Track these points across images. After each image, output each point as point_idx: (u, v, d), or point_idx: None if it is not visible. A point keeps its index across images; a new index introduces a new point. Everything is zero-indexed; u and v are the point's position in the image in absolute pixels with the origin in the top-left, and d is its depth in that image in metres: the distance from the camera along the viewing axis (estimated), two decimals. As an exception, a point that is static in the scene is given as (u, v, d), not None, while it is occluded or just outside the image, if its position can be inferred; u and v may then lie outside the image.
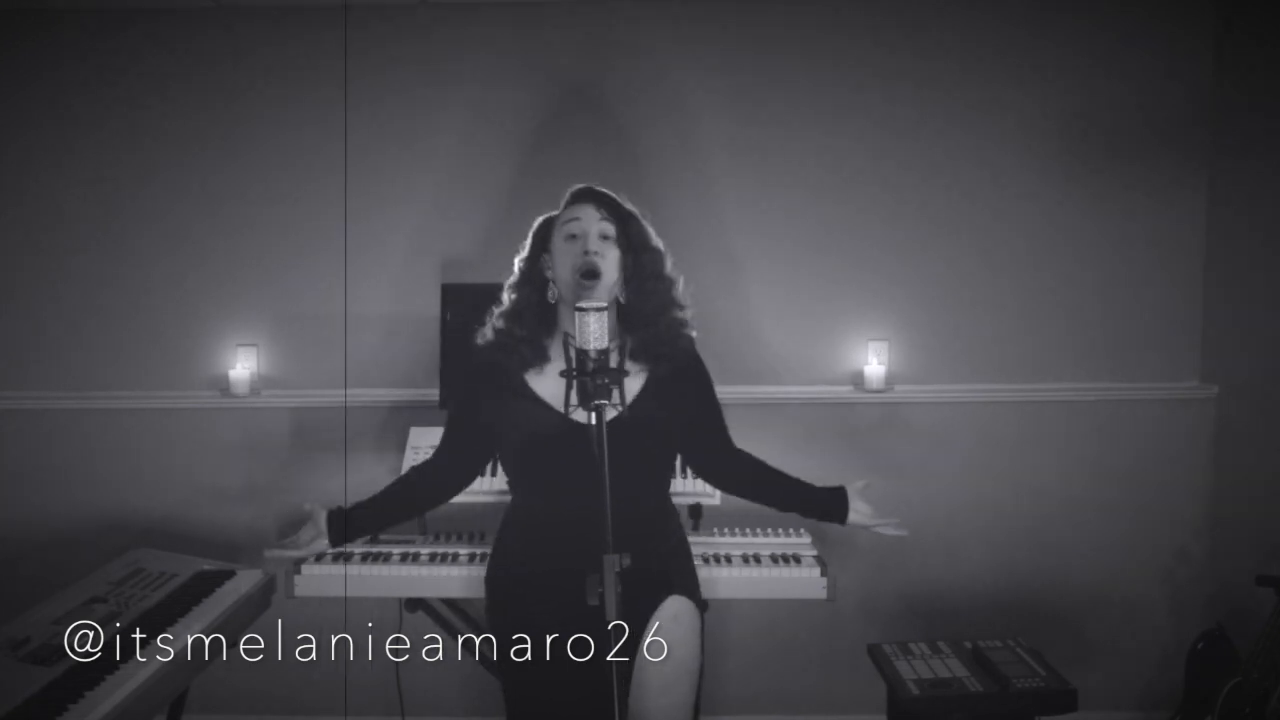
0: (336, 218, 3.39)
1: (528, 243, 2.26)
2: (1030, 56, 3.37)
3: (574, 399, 1.93)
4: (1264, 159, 3.16)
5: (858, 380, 3.41)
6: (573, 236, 2.14)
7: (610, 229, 2.16)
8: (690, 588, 2.26)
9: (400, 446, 3.25)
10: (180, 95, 3.39)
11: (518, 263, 2.26)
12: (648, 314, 2.19)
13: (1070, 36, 3.36)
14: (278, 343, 3.43)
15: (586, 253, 2.10)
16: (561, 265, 2.14)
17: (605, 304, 1.92)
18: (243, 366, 3.39)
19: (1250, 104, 3.23)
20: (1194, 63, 3.37)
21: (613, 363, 1.97)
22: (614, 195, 2.22)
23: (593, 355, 1.87)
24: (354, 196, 3.39)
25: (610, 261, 2.13)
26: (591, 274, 2.06)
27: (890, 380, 3.40)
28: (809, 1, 3.36)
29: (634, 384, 2.18)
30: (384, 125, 3.38)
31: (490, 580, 2.28)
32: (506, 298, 2.24)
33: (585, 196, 2.20)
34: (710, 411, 2.34)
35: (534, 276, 2.21)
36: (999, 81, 3.37)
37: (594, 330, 1.87)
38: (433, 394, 3.26)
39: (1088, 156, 3.38)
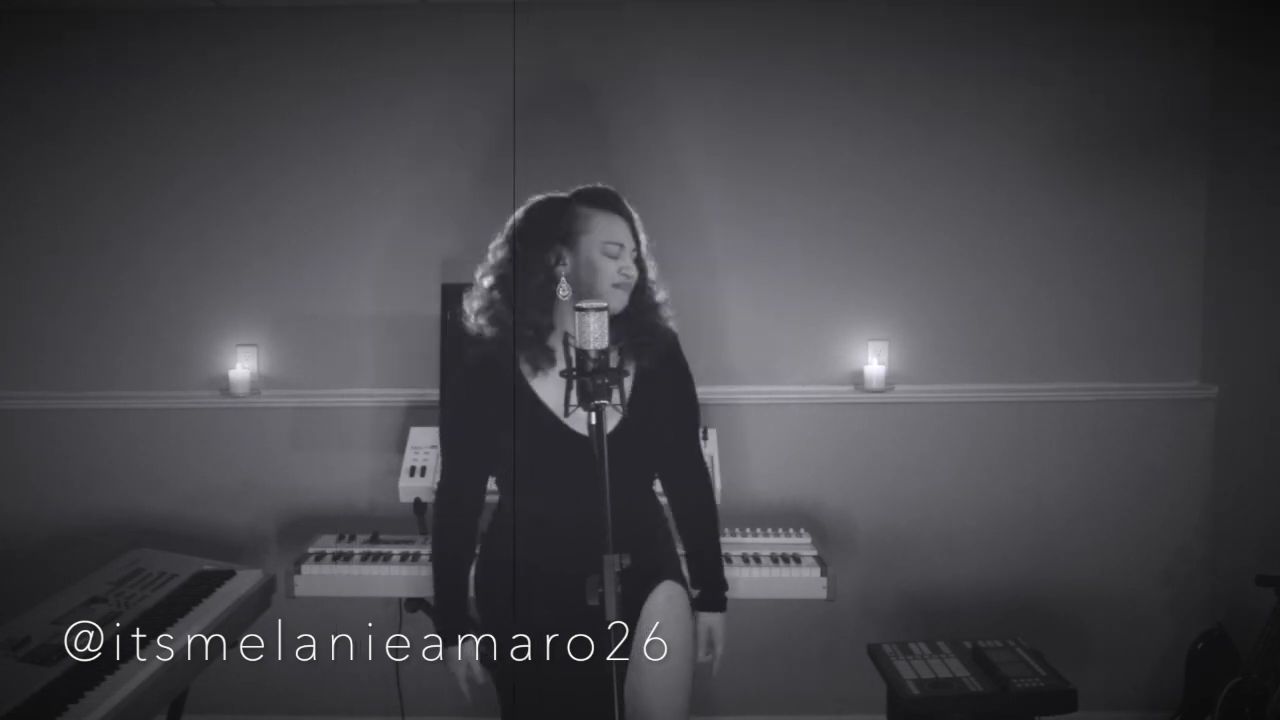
0: (338, 219, 3.40)
1: (526, 222, 2.21)
2: (1028, 60, 3.36)
3: (574, 399, 1.92)
4: (1263, 158, 3.16)
5: (858, 380, 3.41)
6: (611, 255, 2.18)
7: (637, 250, 2.23)
8: (679, 573, 2.32)
9: (400, 446, 3.26)
10: (181, 99, 3.39)
11: (507, 237, 2.23)
12: (637, 303, 2.23)
13: (1071, 41, 3.36)
14: (278, 343, 3.43)
15: (628, 276, 2.18)
16: (600, 278, 2.16)
17: (606, 304, 1.92)
18: (243, 366, 3.39)
19: (1250, 103, 3.23)
20: (1193, 63, 3.37)
21: (613, 363, 1.97)
22: (622, 199, 2.26)
23: (593, 355, 1.87)
24: (355, 198, 3.39)
25: (634, 283, 2.22)
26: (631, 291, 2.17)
27: (890, 380, 3.40)
28: (808, 6, 3.36)
29: (624, 382, 2.18)
30: (384, 126, 3.38)
31: (479, 580, 2.29)
32: (493, 276, 2.22)
33: (615, 206, 2.22)
34: (682, 410, 2.34)
35: (543, 268, 2.16)
36: (999, 84, 3.37)
37: (594, 330, 1.87)
38: (433, 394, 3.26)
39: (1087, 157, 3.38)
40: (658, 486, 2.39)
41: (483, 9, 3.36)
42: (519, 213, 2.24)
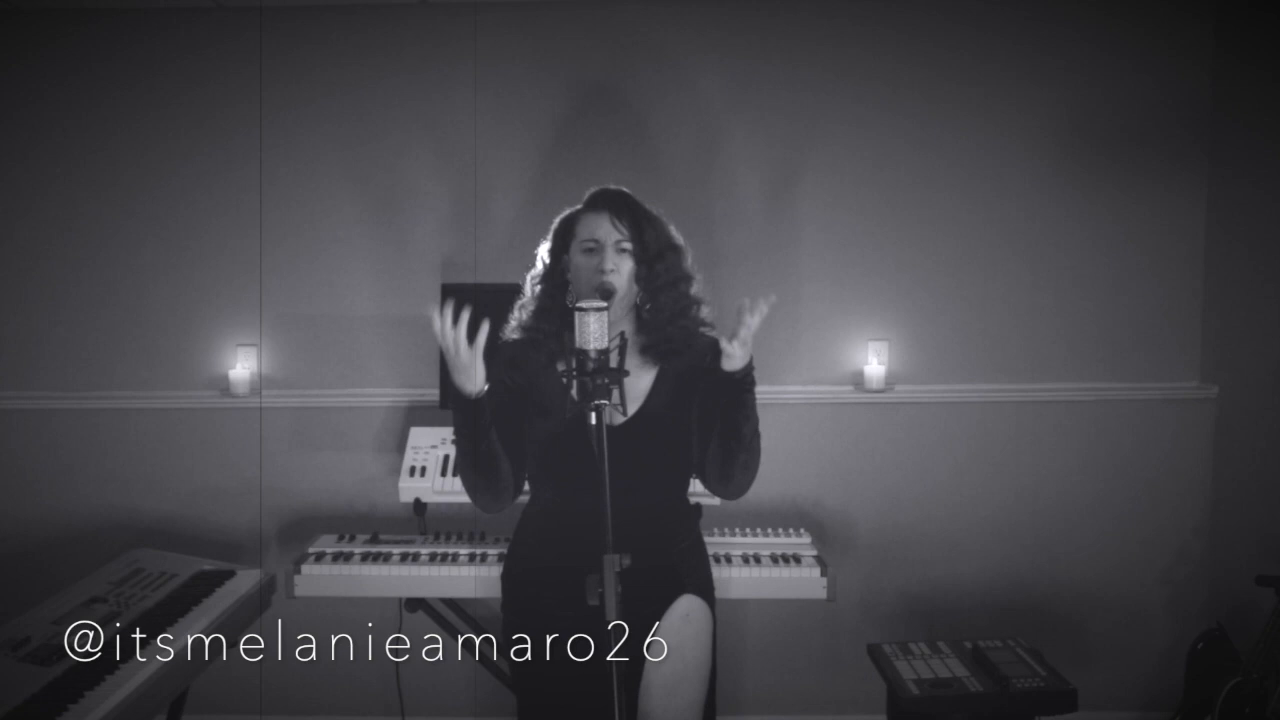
0: (338, 218, 3.40)
1: (549, 240, 2.23)
2: (1030, 61, 3.37)
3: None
4: (1263, 158, 3.16)
5: (858, 380, 3.41)
6: (589, 250, 2.13)
7: (626, 241, 2.14)
8: (704, 587, 2.23)
9: (400, 446, 3.26)
10: (182, 98, 3.39)
11: (541, 256, 2.24)
12: (665, 314, 2.18)
13: (1071, 41, 3.36)
14: (278, 343, 3.43)
15: (603, 271, 2.10)
16: (578, 279, 2.15)
17: (605, 304, 1.92)
18: (243, 366, 3.40)
19: (1249, 104, 3.23)
20: (1193, 63, 3.37)
21: (613, 362, 1.97)
22: (630, 196, 2.20)
23: (592, 355, 1.87)
24: (357, 197, 3.40)
25: (624, 275, 2.13)
26: (607, 294, 2.04)
27: (890, 380, 3.40)
28: (811, 9, 3.37)
29: (644, 381, 2.17)
30: (385, 126, 3.39)
31: (506, 578, 2.28)
32: (530, 290, 2.23)
33: (601, 204, 2.17)
34: None
35: (556, 275, 2.20)
36: (999, 85, 3.37)
37: (594, 330, 1.87)
38: (433, 394, 3.26)
39: (1088, 158, 3.38)
40: (695, 486, 2.32)
41: (484, 9, 3.36)
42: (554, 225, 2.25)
